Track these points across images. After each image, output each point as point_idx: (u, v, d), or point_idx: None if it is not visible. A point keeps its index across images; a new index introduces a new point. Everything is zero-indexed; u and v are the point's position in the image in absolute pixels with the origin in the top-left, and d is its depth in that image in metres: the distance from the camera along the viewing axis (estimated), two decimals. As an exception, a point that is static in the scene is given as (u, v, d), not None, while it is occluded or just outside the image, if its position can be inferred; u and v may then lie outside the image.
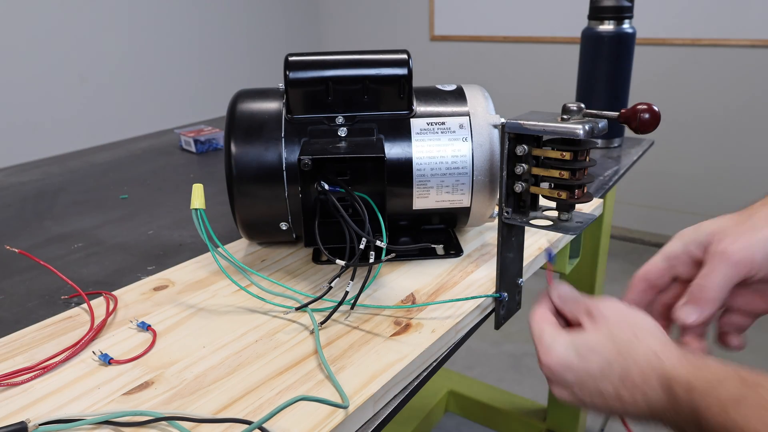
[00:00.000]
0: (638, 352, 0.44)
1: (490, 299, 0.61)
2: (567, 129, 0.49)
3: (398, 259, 0.70)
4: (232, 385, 0.48)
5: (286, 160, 0.65)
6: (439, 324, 0.56)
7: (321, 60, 0.66)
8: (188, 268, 0.70)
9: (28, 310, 0.63)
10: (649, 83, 2.45)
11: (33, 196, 1.01)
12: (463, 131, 0.67)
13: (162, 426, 0.43)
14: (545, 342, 0.49)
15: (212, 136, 1.26)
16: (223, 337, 0.55)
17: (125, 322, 0.58)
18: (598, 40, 1.15)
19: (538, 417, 1.57)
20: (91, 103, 2.39)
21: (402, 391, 0.51)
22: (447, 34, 3.06)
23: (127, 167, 1.17)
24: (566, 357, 0.47)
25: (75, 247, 0.80)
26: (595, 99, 1.17)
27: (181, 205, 0.94)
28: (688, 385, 0.39)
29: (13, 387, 0.49)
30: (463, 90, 0.71)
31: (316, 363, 0.51)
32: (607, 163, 1.12)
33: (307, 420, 0.43)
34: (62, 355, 0.52)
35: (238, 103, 0.68)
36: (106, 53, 2.42)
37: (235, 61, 2.98)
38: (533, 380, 1.88)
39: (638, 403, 0.43)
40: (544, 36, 2.73)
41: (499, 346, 2.06)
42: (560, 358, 0.47)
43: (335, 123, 0.66)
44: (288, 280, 0.66)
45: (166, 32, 2.64)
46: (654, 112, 0.50)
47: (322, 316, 0.57)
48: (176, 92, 2.70)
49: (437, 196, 0.67)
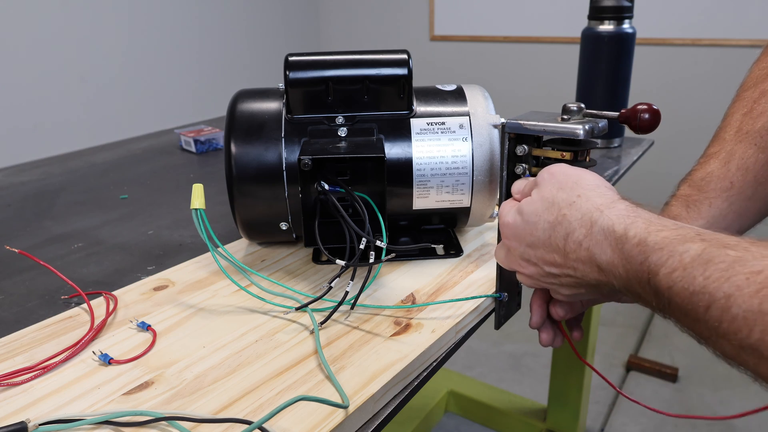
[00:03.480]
0: (581, 210, 0.43)
1: (490, 299, 0.61)
2: (567, 129, 0.49)
3: (398, 259, 0.70)
4: (232, 385, 0.48)
5: (286, 160, 0.65)
6: (439, 324, 0.56)
7: (321, 60, 0.66)
8: (188, 268, 0.70)
9: (28, 310, 0.63)
10: (649, 83, 2.45)
11: (33, 196, 1.01)
12: (463, 131, 0.67)
13: (162, 426, 0.43)
14: (501, 211, 0.51)
15: (212, 136, 1.26)
16: (223, 337, 0.55)
17: (125, 322, 0.58)
18: (598, 40, 1.15)
19: (538, 417, 1.57)
20: (91, 103, 2.39)
21: (402, 391, 0.51)
22: (447, 34, 3.06)
23: (127, 167, 1.17)
24: (513, 219, 0.48)
25: (75, 247, 0.80)
26: (595, 99, 1.17)
27: (181, 205, 0.94)
28: (640, 243, 0.38)
29: (13, 387, 0.49)
30: (463, 90, 0.71)
31: (316, 363, 0.51)
32: (607, 163, 1.12)
33: (307, 420, 0.43)
34: (62, 355, 0.52)
35: (238, 103, 0.68)
36: (106, 53, 2.42)
37: (235, 61, 2.98)
38: (533, 380, 1.88)
39: (588, 262, 0.42)
40: (544, 36, 2.73)
41: (499, 346, 2.06)
42: (510, 220, 0.48)
43: (335, 123, 0.66)
44: (288, 280, 0.66)
45: (166, 32, 2.64)
46: (654, 112, 0.50)
47: (322, 316, 0.57)
48: (176, 92, 2.70)
49: (437, 196, 0.67)
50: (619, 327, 2.16)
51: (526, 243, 0.47)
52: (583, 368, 1.41)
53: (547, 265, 0.46)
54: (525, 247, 0.47)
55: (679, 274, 0.35)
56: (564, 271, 0.45)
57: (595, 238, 0.41)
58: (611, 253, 0.40)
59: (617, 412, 1.73)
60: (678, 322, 0.37)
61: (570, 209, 0.43)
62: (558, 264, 0.45)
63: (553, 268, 0.45)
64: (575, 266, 0.43)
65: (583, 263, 0.42)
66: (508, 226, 0.49)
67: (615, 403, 1.77)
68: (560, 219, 0.44)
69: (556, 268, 0.45)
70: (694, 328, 0.35)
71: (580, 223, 0.42)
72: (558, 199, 0.45)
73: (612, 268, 0.40)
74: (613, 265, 0.40)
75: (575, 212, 0.43)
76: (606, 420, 1.70)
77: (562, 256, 0.44)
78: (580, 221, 0.42)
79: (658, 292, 0.37)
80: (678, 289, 0.35)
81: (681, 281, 0.35)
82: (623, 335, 2.11)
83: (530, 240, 0.46)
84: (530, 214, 0.46)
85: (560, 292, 0.49)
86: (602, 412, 1.74)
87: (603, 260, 0.41)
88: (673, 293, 0.35)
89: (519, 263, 0.49)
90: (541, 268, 0.47)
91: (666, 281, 0.36)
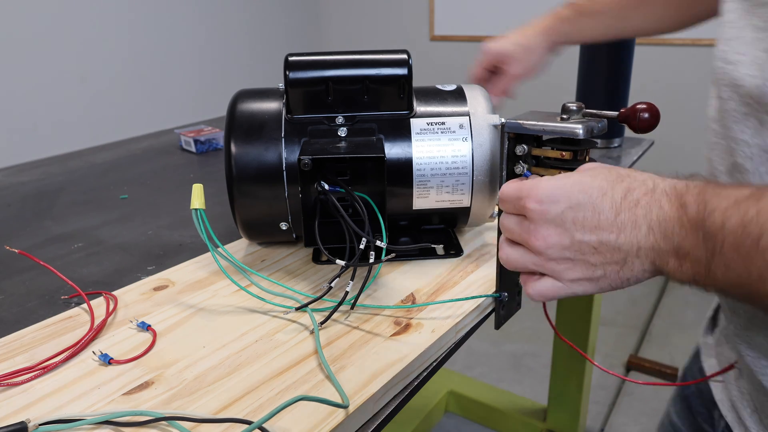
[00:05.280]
0: (642, 176, 0.43)
1: (490, 299, 0.61)
2: (567, 128, 0.49)
3: (398, 259, 0.70)
4: (232, 385, 0.48)
5: (286, 160, 0.65)
6: (439, 324, 0.56)
7: (321, 60, 0.66)
8: (188, 268, 0.70)
9: (28, 310, 0.63)
10: (649, 83, 2.45)
11: (33, 196, 1.01)
12: (463, 131, 0.67)
13: (162, 426, 0.43)
14: (527, 184, 0.45)
15: (212, 136, 1.26)
16: (223, 337, 0.55)
17: (125, 322, 0.58)
18: (598, 40, 1.15)
19: (538, 417, 1.57)
20: (91, 104, 2.39)
21: (402, 391, 0.51)
22: (447, 34, 3.06)
23: (127, 167, 1.17)
24: (559, 182, 0.44)
25: (75, 247, 0.80)
26: (595, 99, 1.17)
27: (181, 205, 0.94)
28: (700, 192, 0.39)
29: (13, 387, 0.49)
30: (463, 90, 0.71)
31: (316, 363, 0.51)
32: (607, 163, 1.12)
33: (307, 420, 0.43)
34: (62, 355, 0.52)
35: (238, 103, 0.68)
36: (106, 53, 2.42)
37: (235, 61, 2.98)
38: (533, 380, 1.88)
39: (637, 224, 0.41)
40: (544, 36, 2.73)
41: (499, 346, 2.06)
42: (552, 185, 0.44)
43: (335, 123, 0.66)
44: (288, 280, 0.66)
45: (166, 32, 2.64)
46: (654, 112, 0.50)
47: (322, 316, 0.57)
48: (176, 92, 2.70)
49: (437, 196, 0.67)
50: (619, 327, 2.16)
51: (569, 203, 0.43)
52: (583, 368, 1.41)
53: (581, 230, 0.43)
54: (565, 209, 0.43)
55: (733, 211, 0.37)
56: (602, 238, 0.42)
57: (656, 196, 0.41)
58: (669, 207, 0.40)
59: (617, 412, 1.73)
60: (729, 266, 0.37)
61: (635, 172, 0.44)
62: (600, 227, 0.42)
63: (591, 234, 0.42)
64: (621, 228, 0.41)
65: (633, 224, 0.41)
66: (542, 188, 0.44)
67: (615, 403, 1.77)
68: (623, 177, 0.43)
69: (594, 233, 0.42)
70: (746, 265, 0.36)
71: (641, 183, 0.42)
72: (617, 168, 0.45)
73: (666, 225, 0.40)
74: (668, 221, 0.40)
75: (639, 174, 0.43)
76: (606, 420, 1.71)
77: (612, 215, 0.42)
78: (641, 182, 0.42)
79: (711, 235, 0.38)
80: (731, 224, 0.37)
81: (734, 216, 0.36)
82: (623, 335, 2.11)
83: (578, 199, 0.43)
84: (585, 176, 0.44)
85: (570, 275, 0.45)
86: (602, 412, 1.74)
87: (658, 216, 0.40)
88: (727, 230, 0.37)
89: (537, 232, 0.44)
90: (571, 234, 0.43)
91: (720, 218, 0.37)
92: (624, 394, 1.81)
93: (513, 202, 0.46)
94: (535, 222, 0.44)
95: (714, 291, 0.41)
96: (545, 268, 0.45)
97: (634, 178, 0.43)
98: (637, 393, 1.81)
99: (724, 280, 0.38)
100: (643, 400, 1.79)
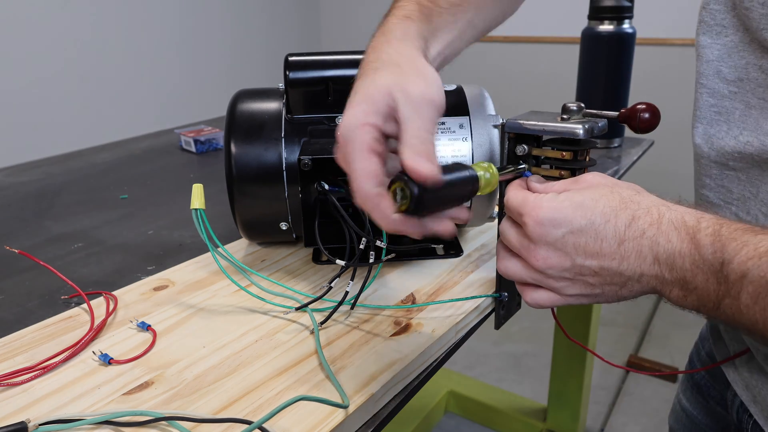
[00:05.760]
0: (646, 202, 0.42)
1: (490, 299, 0.61)
2: (567, 129, 0.49)
3: (398, 259, 0.70)
4: (232, 385, 0.48)
5: (286, 160, 0.65)
6: (439, 324, 0.56)
7: (321, 60, 0.66)
8: (188, 268, 0.70)
9: (28, 310, 0.63)
10: (649, 83, 2.44)
11: (33, 196, 1.01)
12: (463, 131, 0.67)
13: (162, 426, 0.43)
14: (530, 201, 0.44)
15: (212, 136, 1.26)
16: (223, 337, 0.55)
17: (125, 322, 0.58)
18: (598, 40, 1.15)
19: (538, 417, 1.57)
20: (91, 103, 2.39)
21: (402, 391, 0.51)
22: (447, 34, 3.06)
23: (127, 167, 1.17)
24: (560, 205, 0.42)
25: (75, 247, 0.80)
26: (595, 99, 1.17)
27: (181, 205, 0.94)
28: (714, 233, 0.38)
29: (13, 387, 0.49)
30: (463, 90, 0.71)
31: (316, 363, 0.51)
32: (607, 163, 1.12)
33: (307, 420, 0.43)
34: (62, 355, 0.52)
35: (238, 103, 0.68)
36: (106, 53, 2.42)
37: (235, 61, 2.98)
38: (533, 380, 1.88)
39: (642, 254, 0.40)
40: (544, 36, 2.73)
41: (499, 346, 2.06)
42: (553, 207, 0.42)
43: (335, 123, 0.66)
44: (288, 280, 0.66)
45: (166, 32, 2.64)
46: (654, 111, 0.50)
47: (322, 316, 0.57)
48: (176, 92, 2.70)
49: (437, 196, 0.67)
50: (619, 327, 2.16)
51: (570, 228, 0.42)
52: (583, 368, 1.41)
53: (583, 255, 0.42)
54: (566, 233, 0.42)
55: (754, 263, 0.36)
56: (603, 264, 0.42)
57: (663, 228, 0.40)
58: (678, 242, 0.40)
59: (617, 412, 1.73)
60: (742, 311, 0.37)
61: (637, 197, 0.43)
62: (602, 254, 0.42)
63: (592, 259, 0.42)
64: (624, 256, 0.41)
65: (637, 254, 0.41)
66: (543, 209, 0.43)
67: (615, 403, 1.77)
68: (627, 203, 0.42)
69: (595, 259, 0.42)
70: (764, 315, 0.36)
71: (646, 212, 0.41)
72: (619, 189, 0.43)
73: (674, 259, 0.40)
74: (676, 255, 0.39)
75: (643, 200, 0.42)
76: (606, 420, 1.71)
77: (616, 244, 0.41)
78: (646, 210, 0.41)
79: (728, 281, 0.37)
80: (753, 276, 0.36)
81: (757, 269, 0.36)
82: (623, 335, 2.11)
83: (580, 224, 0.42)
84: (587, 199, 0.43)
85: (568, 291, 0.45)
86: (602, 412, 1.74)
87: (666, 249, 0.40)
88: (747, 281, 0.36)
89: (536, 252, 0.44)
90: (572, 258, 0.42)
91: (741, 269, 0.37)
92: (624, 394, 1.81)
93: (514, 215, 0.46)
94: (534, 242, 0.44)
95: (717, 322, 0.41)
96: (543, 284, 0.46)
97: (639, 204, 0.42)
98: (637, 393, 1.81)
99: (733, 319, 0.38)
100: (643, 400, 1.79)
